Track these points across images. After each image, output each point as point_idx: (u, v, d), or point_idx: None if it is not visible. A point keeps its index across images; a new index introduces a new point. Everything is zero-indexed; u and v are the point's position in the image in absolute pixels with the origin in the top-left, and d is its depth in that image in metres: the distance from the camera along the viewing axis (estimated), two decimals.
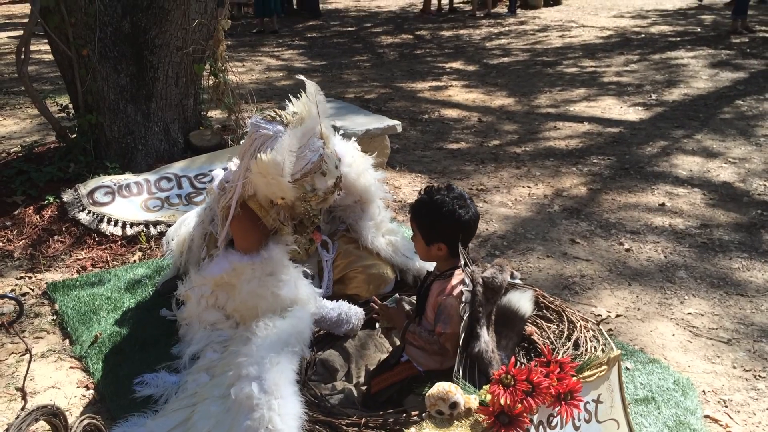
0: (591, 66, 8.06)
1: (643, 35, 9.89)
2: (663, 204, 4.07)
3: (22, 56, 3.60)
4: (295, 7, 13.44)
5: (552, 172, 4.66)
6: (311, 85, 2.26)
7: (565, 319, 2.45)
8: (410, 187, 4.36)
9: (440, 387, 1.86)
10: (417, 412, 1.93)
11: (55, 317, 2.83)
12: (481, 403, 1.86)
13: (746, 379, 2.48)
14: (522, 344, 2.40)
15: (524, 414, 1.81)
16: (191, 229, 2.77)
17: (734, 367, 2.55)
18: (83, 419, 1.42)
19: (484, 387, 1.89)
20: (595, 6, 13.38)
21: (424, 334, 2.20)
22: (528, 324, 2.51)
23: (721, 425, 2.24)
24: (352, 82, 7.44)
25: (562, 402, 1.87)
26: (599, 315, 2.91)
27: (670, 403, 2.31)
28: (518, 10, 12.78)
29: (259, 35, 10.74)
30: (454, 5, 13.13)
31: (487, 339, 2.09)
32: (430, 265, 2.47)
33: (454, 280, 2.19)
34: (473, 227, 2.19)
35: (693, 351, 2.66)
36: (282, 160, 2.14)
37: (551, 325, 2.48)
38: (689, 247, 3.53)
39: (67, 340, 2.70)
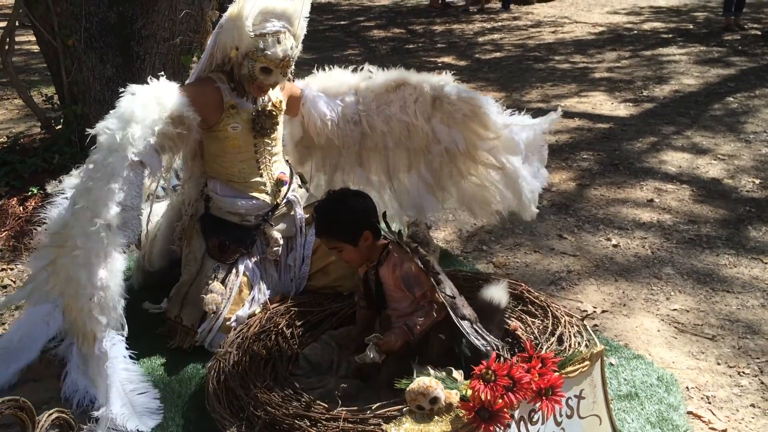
0: (582, 62, 8.05)
1: (635, 32, 9.88)
2: (651, 200, 4.07)
3: (6, 47, 3.56)
4: None
5: None
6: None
7: (550, 315, 2.45)
8: None
9: (420, 382, 1.84)
10: (398, 407, 1.91)
11: None
12: (462, 398, 1.85)
13: (730, 376, 2.48)
14: (506, 339, 2.39)
15: (505, 409, 1.80)
16: (156, 224, 2.77)
17: (718, 364, 2.55)
18: (51, 413, 1.40)
19: (465, 382, 1.88)
20: (588, 2, 13.34)
21: (408, 309, 2.20)
22: (513, 319, 2.51)
23: (704, 421, 2.24)
24: None
25: (543, 397, 1.86)
26: (585, 310, 2.91)
27: (653, 399, 2.30)
28: (512, 6, 12.74)
29: None
30: (447, 0, 13.09)
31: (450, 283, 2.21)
32: None
33: (395, 255, 2.25)
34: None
35: (677, 347, 2.66)
36: (249, 11, 2.37)
37: (536, 320, 2.47)
38: (676, 243, 3.53)
39: None
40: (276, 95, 2.67)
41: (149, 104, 2.26)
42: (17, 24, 3.68)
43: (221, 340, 2.41)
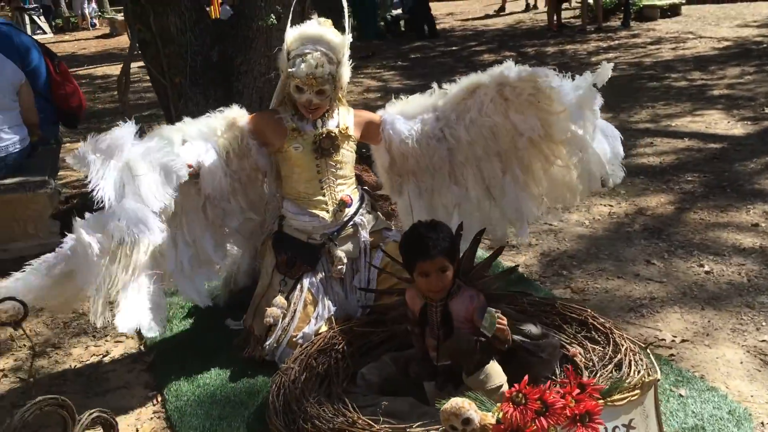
0: (701, 79, 7.67)
1: (765, 45, 9.29)
2: (757, 224, 3.82)
3: (123, 86, 3.96)
4: (402, 29, 13.70)
5: (639, 190, 4.49)
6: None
7: (611, 342, 2.38)
8: None
9: (454, 402, 1.87)
10: (437, 428, 1.94)
11: None
12: (498, 420, 1.86)
13: None
14: (564, 366, 2.35)
15: None
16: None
17: None
18: (93, 412, 1.56)
19: (498, 404, 1.88)
20: (717, 16, 12.69)
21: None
22: (574, 345, 2.47)
23: None
24: None
25: (579, 424, 1.83)
26: (663, 339, 2.79)
27: None
28: (632, 23, 12.35)
29: (364, 59, 11.06)
30: (563, 21, 12.88)
31: None
32: None
33: (466, 290, 2.31)
34: None
35: (760, 380, 2.49)
36: (289, 38, 2.68)
37: (597, 347, 2.41)
38: None
39: (142, 346, 2.93)
40: (343, 122, 2.81)
41: (216, 116, 2.73)
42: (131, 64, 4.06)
43: (288, 355, 2.54)
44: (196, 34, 4.03)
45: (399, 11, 13.91)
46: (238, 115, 2.75)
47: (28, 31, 17.22)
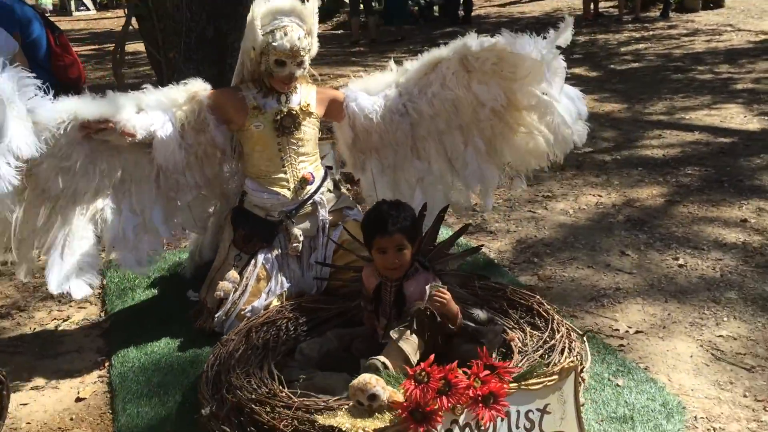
0: (728, 72, 7.45)
1: None
2: (745, 220, 3.72)
3: (118, 57, 4.05)
4: (436, 14, 13.60)
5: (634, 181, 4.41)
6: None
7: (549, 328, 2.37)
8: None
9: (361, 378, 1.89)
10: (348, 403, 1.96)
11: (101, 290, 3.17)
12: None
13: (753, 410, 2.25)
14: (500, 350, 2.35)
15: (438, 412, 1.80)
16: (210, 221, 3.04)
17: (745, 396, 2.32)
18: None
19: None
20: (762, 8, 12.24)
21: None
22: (515, 330, 2.46)
23: None
24: None
25: (482, 404, 1.83)
26: (617, 329, 2.76)
27: (647, 425, 2.16)
28: (672, 14, 12.02)
29: (393, 43, 11.03)
30: (600, 10, 12.61)
31: None
32: None
33: (423, 274, 2.34)
34: None
35: (706, 375, 2.45)
36: (259, 13, 2.67)
37: (536, 332, 2.40)
38: (755, 267, 3.22)
39: (103, 313, 3.02)
40: (305, 99, 2.84)
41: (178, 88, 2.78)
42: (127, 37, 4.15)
43: (235, 327, 2.59)
44: (192, 10, 4.08)
45: None
46: (199, 88, 2.80)
47: (72, 7, 17.65)
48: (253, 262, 2.76)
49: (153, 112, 2.67)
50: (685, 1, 12.51)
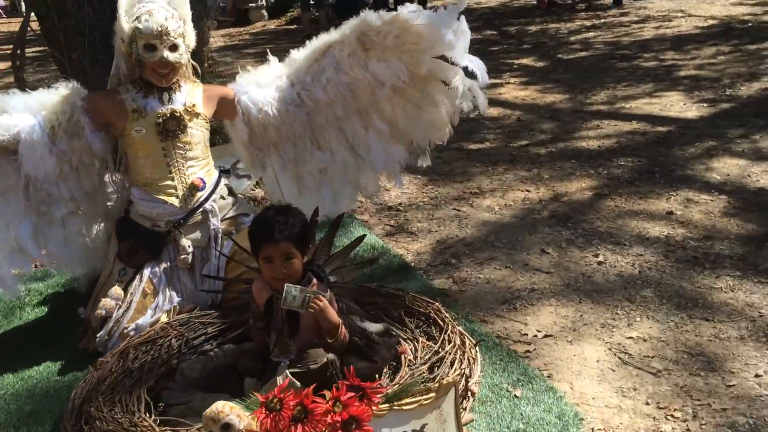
0: (672, 59, 7.39)
1: (750, 24, 8.95)
2: (671, 212, 3.64)
3: (18, 61, 3.84)
4: (391, 6, 13.44)
5: (564, 174, 4.31)
6: None
7: (442, 339, 2.24)
8: (402, 190, 4.19)
9: (214, 407, 1.75)
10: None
11: None
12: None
13: (654, 418, 2.15)
14: (391, 364, 2.23)
15: None
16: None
17: (647, 404, 2.22)
18: None
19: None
20: None
21: (314, 340, 2.17)
22: (408, 341, 2.34)
23: None
24: None
25: (341, 431, 1.70)
26: (525, 334, 2.65)
27: None
28: (625, 1, 11.98)
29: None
30: None
31: None
32: None
33: (315, 284, 2.19)
34: None
35: (609, 381, 2.34)
36: (122, 4, 2.58)
37: (430, 343, 2.28)
38: (675, 261, 3.13)
39: None
40: (190, 99, 2.69)
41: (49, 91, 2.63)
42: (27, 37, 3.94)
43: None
44: (95, 6, 3.87)
45: None
46: (72, 91, 2.64)
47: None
48: (138, 276, 2.60)
49: (18, 114, 2.49)
50: None
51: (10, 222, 2.54)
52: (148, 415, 2.03)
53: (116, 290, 2.56)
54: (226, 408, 1.73)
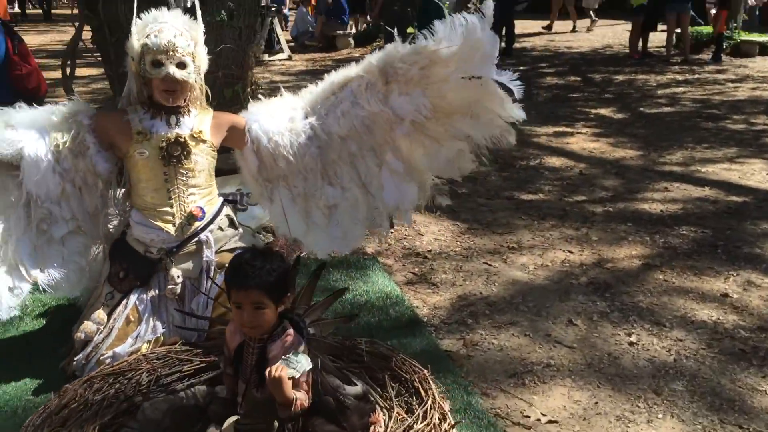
0: (764, 124, 6.89)
1: None
2: (726, 294, 3.27)
3: (66, 71, 3.90)
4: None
5: (615, 238, 3.99)
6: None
7: (420, 413, 2.02)
8: (436, 236, 3.98)
9: None
10: None
11: None
12: None
13: None
14: None
15: None
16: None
17: None
18: None
19: None
20: None
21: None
22: (384, 410, 2.13)
23: None
24: None
25: None
26: (527, 416, 2.38)
27: None
28: (725, 58, 11.39)
29: None
30: (649, 49, 12.06)
31: None
32: None
33: (290, 335, 2.02)
34: None
35: None
36: (134, 28, 2.56)
37: (407, 416, 2.06)
38: (718, 352, 2.78)
39: None
40: (198, 125, 2.61)
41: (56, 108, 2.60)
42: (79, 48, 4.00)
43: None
44: None
45: None
46: (80, 109, 2.60)
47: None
48: (124, 302, 2.51)
49: (23, 129, 2.46)
50: (741, 45, 11.87)
51: (8, 239, 2.48)
52: None
53: (99, 314, 2.47)
54: None
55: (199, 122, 2.62)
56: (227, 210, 2.74)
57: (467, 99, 2.59)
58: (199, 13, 2.64)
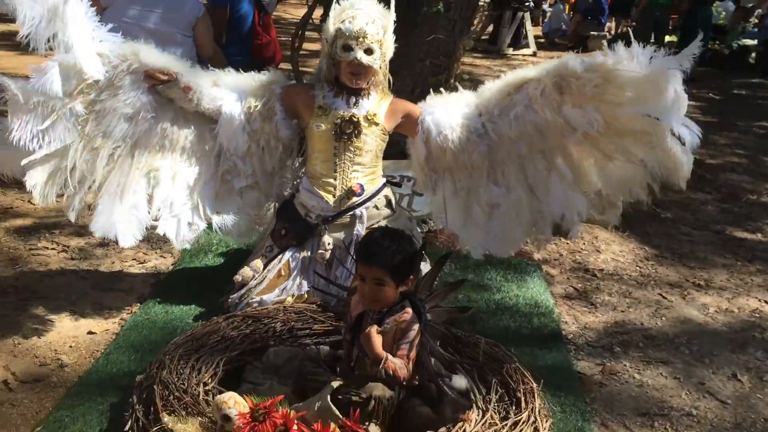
0: None
1: None
2: None
3: (297, 44, 4.28)
4: (751, 61, 11.98)
5: None
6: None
7: (513, 423, 2.00)
8: (615, 256, 3.75)
9: (222, 396, 1.81)
10: None
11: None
12: None
13: None
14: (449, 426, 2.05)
15: None
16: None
17: None
18: None
19: None
20: None
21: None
22: (480, 410, 2.13)
23: None
24: None
25: None
26: None
27: None
28: None
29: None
30: None
31: None
32: None
33: (408, 314, 2.12)
34: None
35: None
36: (332, 13, 2.71)
37: (498, 423, 2.04)
38: None
39: (171, 266, 3.26)
40: (374, 108, 2.74)
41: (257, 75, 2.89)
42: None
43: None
44: None
45: (753, 41, 12.16)
46: (276, 79, 2.86)
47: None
48: (280, 256, 2.76)
49: (226, 89, 2.78)
50: None
51: (197, 182, 2.82)
52: (210, 380, 2.16)
53: (257, 263, 2.75)
54: (231, 400, 1.77)
55: (376, 106, 2.77)
56: (387, 191, 2.87)
57: (641, 130, 2.53)
58: (392, 2, 2.75)
